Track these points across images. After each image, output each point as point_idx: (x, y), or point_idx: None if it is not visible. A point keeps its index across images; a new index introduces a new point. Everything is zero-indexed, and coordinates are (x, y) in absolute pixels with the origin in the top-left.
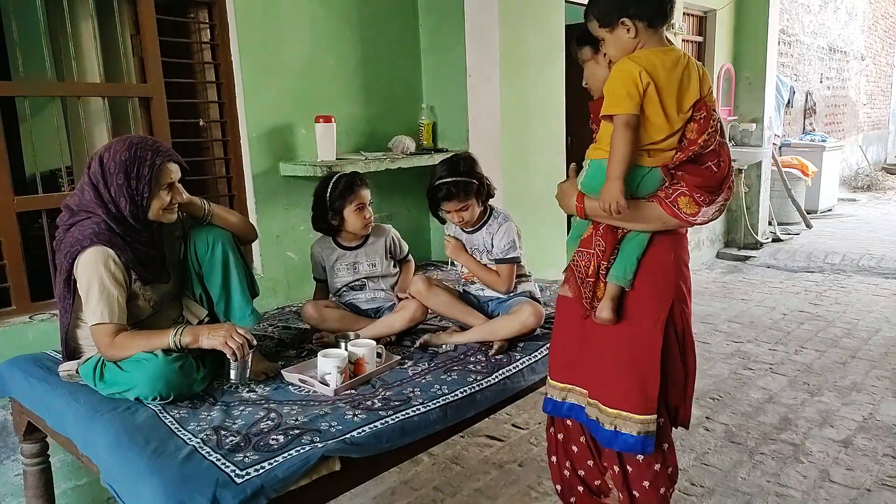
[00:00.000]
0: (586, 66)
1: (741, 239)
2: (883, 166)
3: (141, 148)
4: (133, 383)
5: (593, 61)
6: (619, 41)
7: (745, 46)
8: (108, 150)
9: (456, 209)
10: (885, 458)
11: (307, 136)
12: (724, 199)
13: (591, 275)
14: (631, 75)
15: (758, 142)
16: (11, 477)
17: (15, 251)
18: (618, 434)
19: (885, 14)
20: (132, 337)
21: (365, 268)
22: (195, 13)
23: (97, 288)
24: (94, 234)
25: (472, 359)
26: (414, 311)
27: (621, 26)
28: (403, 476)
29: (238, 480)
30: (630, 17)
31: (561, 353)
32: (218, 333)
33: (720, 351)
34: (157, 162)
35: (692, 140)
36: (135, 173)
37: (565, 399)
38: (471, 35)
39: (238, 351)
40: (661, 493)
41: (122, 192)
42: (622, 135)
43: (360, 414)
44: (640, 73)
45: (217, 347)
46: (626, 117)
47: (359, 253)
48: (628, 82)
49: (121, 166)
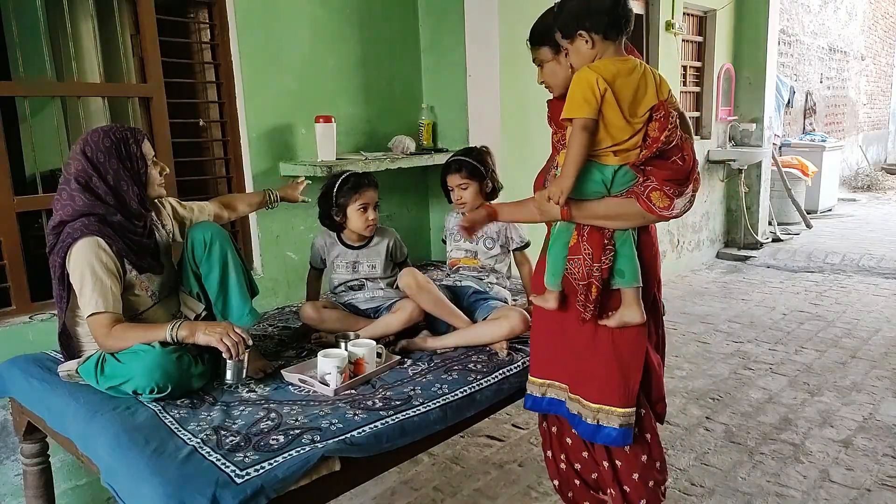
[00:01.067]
0: (546, 66)
1: (741, 239)
2: (883, 166)
3: (118, 131)
4: (130, 374)
5: (555, 62)
6: (578, 52)
7: (745, 46)
8: (86, 146)
9: (457, 184)
10: (885, 458)
11: (307, 136)
12: (692, 190)
13: (583, 278)
14: (588, 82)
15: (758, 142)
16: (11, 477)
17: (15, 251)
18: (600, 428)
19: (885, 14)
20: (130, 328)
21: (364, 269)
22: (195, 13)
23: (90, 278)
24: (84, 227)
25: (474, 358)
26: (411, 311)
27: (580, 38)
28: (403, 476)
29: (238, 480)
30: (586, 30)
31: (539, 350)
32: (214, 330)
33: (720, 351)
34: (139, 138)
35: (655, 138)
36: (125, 153)
37: (545, 394)
38: (471, 35)
39: (233, 349)
40: (651, 487)
41: (121, 176)
42: (578, 137)
43: (360, 414)
44: (597, 80)
45: (212, 344)
46: (583, 121)
47: (360, 253)
48: (586, 88)
49: (109, 152)
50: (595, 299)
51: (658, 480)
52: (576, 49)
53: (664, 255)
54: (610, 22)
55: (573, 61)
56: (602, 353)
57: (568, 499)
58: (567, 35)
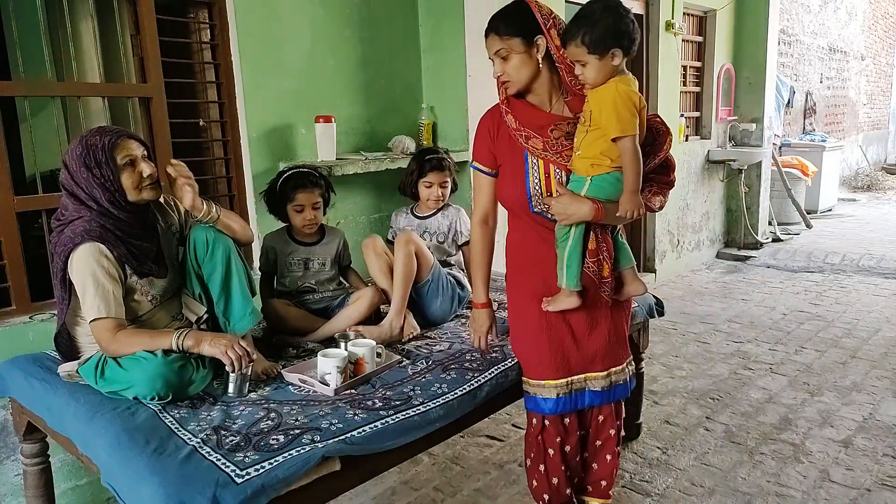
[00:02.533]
0: (513, 57)
1: (741, 239)
2: (883, 166)
3: (90, 137)
4: (132, 382)
5: (525, 54)
6: (604, 66)
7: (745, 46)
8: (67, 154)
9: (440, 181)
10: (885, 458)
11: (307, 136)
12: (669, 189)
13: (608, 275)
14: (632, 100)
15: (758, 142)
16: (11, 477)
17: (15, 251)
18: (615, 387)
19: (885, 14)
20: (135, 334)
21: (315, 265)
22: (195, 13)
23: (92, 284)
24: (86, 232)
25: (468, 357)
26: (371, 297)
27: (611, 55)
28: (403, 476)
29: (238, 480)
30: (621, 48)
31: (552, 356)
32: (220, 342)
33: (720, 351)
34: (107, 143)
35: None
36: (93, 161)
37: (570, 392)
38: (471, 35)
39: (237, 362)
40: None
41: (92, 185)
42: (636, 150)
43: (360, 414)
44: (639, 98)
45: (217, 356)
46: (634, 137)
47: (312, 250)
48: (630, 106)
49: (79, 161)
50: (613, 286)
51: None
52: (602, 64)
53: (664, 256)
54: (632, 45)
55: (590, 74)
56: (621, 321)
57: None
58: (598, 50)
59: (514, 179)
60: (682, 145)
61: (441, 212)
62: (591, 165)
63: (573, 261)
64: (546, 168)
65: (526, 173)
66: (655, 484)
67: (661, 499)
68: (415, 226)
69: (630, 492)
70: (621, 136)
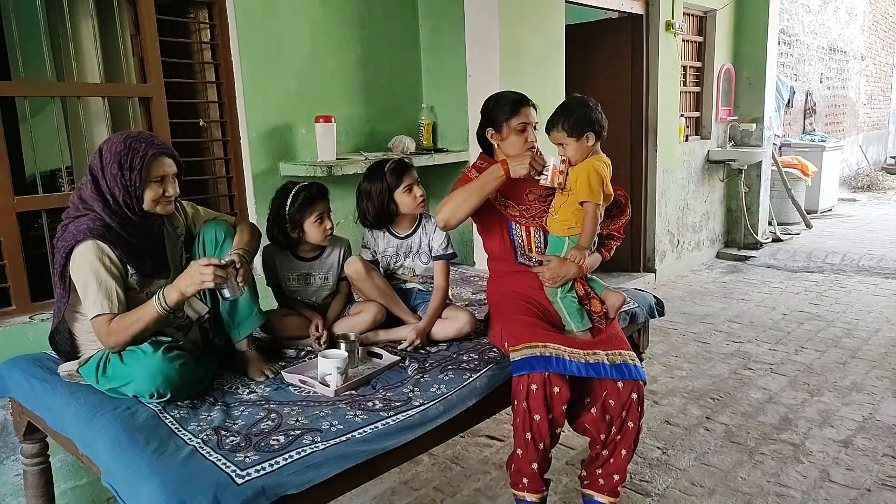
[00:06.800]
0: (571, 143)
1: (741, 239)
2: (883, 166)
3: (136, 140)
4: (131, 377)
5: (585, 141)
6: (581, 146)
7: (745, 46)
8: (107, 142)
9: (415, 180)
10: (885, 458)
11: (307, 136)
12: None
13: (599, 310)
14: (603, 175)
15: (758, 142)
16: (11, 477)
17: (15, 251)
18: (624, 364)
19: (885, 14)
20: (123, 318)
21: (317, 281)
22: (195, 13)
23: (94, 280)
24: (89, 230)
25: (465, 357)
26: (375, 313)
27: (586, 137)
28: (403, 476)
29: (239, 481)
30: (593, 132)
31: (542, 325)
32: (191, 279)
33: (720, 351)
34: (149, 153)
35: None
36: (128, 164)
37: (543, 354)
38: (471, 35)
39: (216, 279)
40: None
41: (116, 182)
42: (596, 217)
43: (360, 414)
44: (608, 175)
45: (203, 287)
46: (598, 205)
47: (313, 265)
48: (600, 180)
49: (115, 157)
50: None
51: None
52: (580, 144)
53: (664, 256)
54: (602, 130)
55: (571, 153)
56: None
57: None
58: (576, 133)
59: (501, 237)
60: (682, 145)
61: (420, 227)
62: (567, 228)
63: (572, 307)
64: (527, 229)
65: (510, 232)
66: (655, 484)
67: (661, 499)
68: (394, 247)
69: (630, 492)
70: (587, 200)
